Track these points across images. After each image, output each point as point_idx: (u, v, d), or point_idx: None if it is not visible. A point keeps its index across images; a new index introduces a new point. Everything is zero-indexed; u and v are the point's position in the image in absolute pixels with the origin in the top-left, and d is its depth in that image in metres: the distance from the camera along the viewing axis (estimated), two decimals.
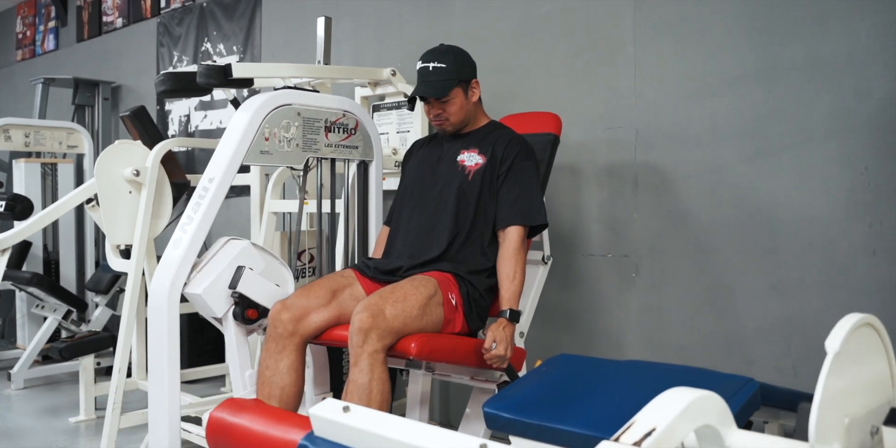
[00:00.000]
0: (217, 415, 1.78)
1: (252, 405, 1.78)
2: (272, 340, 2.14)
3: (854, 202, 2.28)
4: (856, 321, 1.14)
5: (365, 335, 1.92)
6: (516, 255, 2.21)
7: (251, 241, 2.29)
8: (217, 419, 1.77)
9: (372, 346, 1.92)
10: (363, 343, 1.92)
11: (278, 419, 1.65)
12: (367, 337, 1.92)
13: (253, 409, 1.74)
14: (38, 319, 4.45)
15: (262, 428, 1.61)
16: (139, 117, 3.39)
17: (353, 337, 1.95)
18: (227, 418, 1.74)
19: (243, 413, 1.72)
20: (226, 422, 1.74)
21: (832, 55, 2.32)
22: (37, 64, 6.79)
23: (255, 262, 2.26)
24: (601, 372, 1.80)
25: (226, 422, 1.74)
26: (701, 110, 2.59)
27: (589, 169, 2.87)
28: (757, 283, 2.47)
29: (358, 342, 1.93)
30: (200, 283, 2.17)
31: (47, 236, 4.84)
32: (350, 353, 1.97)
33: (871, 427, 1.20)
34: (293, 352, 2.13)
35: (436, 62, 2.33)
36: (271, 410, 1.77)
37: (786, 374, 2.39)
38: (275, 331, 2.13)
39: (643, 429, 0.98)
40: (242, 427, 1.68)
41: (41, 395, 4.01)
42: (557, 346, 2.89)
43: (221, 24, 4.70)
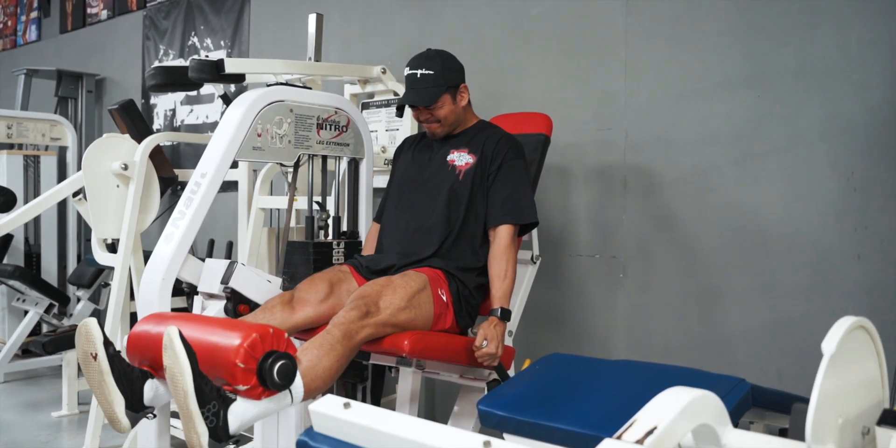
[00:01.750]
0: (138, 327, 1.75)
1: (178, 315, 1.74)
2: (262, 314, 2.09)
3: (841, 206, 2.32)
4: (850, 324, 1.16)
5: (352, 316, 1.90)
6: (507, 254, 2.23)
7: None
8: (137, 331, 1.73)
9: (354, 326, 1.89)
10: (346, 322, 1.89)
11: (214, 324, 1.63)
12: (352, 319, 1.89)
13: (181, 317, 1.70)
14: (19, 313, 4.39)
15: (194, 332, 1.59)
16: (128, 111, 3.37)
17: (339, 315, 1.92)
18: (149, 329, 1.70)
19: (168, 321, 1.69)
20: (149, 333, 1.69)
21: (823, 61, 2.36)
22: (18, 55, 6.71)
23: None
24: (594, 371, 1.82)
25: (149, 333, 1.69)
26: (691, 113, 2.62)
27: (578, 170, 2.90)
28: (743, 285, 2.51)
29: (344, 318, 1.90)
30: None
31: (29, 229, 4.79)
32: (331, 321, 1.92)
33: (862, 427, 1.22)
34: None
35: (423, 69, 2.32)
36: (203, 318, 1.73)
37: (770, 375, 2.42)
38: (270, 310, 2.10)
39: (644, 427, 1.00)
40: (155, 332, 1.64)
41: (22, 390, 3.97)
42: (545, 345, 2.91)
43: (209, 18, 4.67)
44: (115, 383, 1.64)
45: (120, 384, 1.65)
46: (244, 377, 1.55)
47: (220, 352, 1.56)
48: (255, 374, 1.55)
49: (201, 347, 1.57)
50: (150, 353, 1.70)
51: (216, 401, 1.55)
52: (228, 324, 1.68)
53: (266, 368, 1.56)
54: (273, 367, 1.56)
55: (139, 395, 1.70)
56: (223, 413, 1.56)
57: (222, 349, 1.56)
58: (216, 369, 1.57)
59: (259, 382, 1.56)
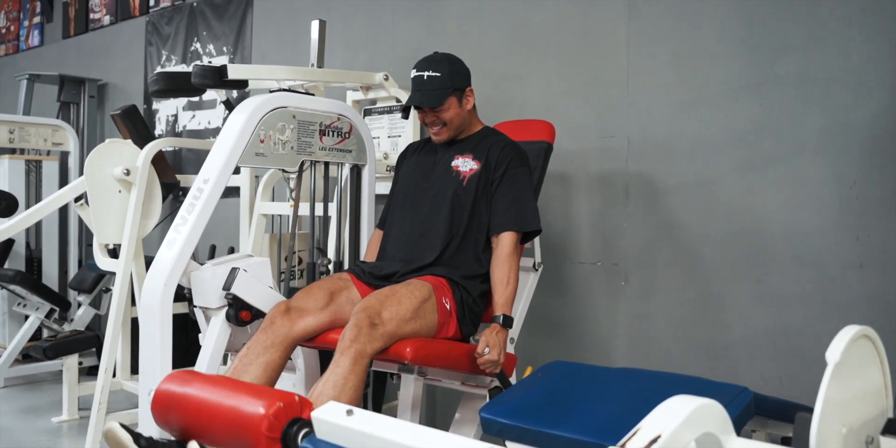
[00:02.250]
0: (163, 387, 1.68)
1: (195, 374, 1.68)
2: (263, 333, 2.10)
3: (842, 215, 2.32)
4: (854, 333, 1.16)
5: (357, 333, 1.91)
6: (510, 261, 2.23)
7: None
8: (163, 392, 1.66)
9: (361, 345, 1.91)
10: (354, 341, 1.91)
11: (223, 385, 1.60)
12: (358, 336, 1.91)
13: (198, 379, 1.65)
14: (20, 318, 4.38)
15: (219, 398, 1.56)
16: (130, 116, 3.38)
17: (345, 332, 1.94)
18: (173, 388, 1.64)
19: (190, 383, 1.64)
20: (171, 392, 1.64)
21: (824, 69, 2.36)
22: (20, 60, 6.72)
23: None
24: (596, 379, 1.81)
25: (171, 392, 1.64)
26: (693, 121, 2.63)
27: (580, 177, 2.90)
28: (745, 293, 2.51)
29: (350, 337, 1.92)
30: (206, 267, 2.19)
31: (30, 234, 4.78)
32: (337, 347, 1.94)
33: (866, 437, 1.22)
34: (278, 351, 2.09)
35: (430, 71, 2.33)
36: (215, 378, 1.68)
37: (772, 383, 2.42)
38: (270, 326, 2.11)
39: (648, 436, 0.99)
40: (194, 398, 1.59)
41: (22, 395, 3.96)
42: (546, 353, 2.90)
43: (212, 24, 4.68)
44: None
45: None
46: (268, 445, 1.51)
47: (245, 418, 1.54)
48: (279, 442, 1.52)
49: (227, 411, 1.56)
50: (177, 417, 1.68)
51: None
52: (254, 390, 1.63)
53: (291, 437, 1.52)
54: (297, 436, 1.52)
55: None
56: None
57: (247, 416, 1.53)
58: (241, 436, 1.55)
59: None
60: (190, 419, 1.57)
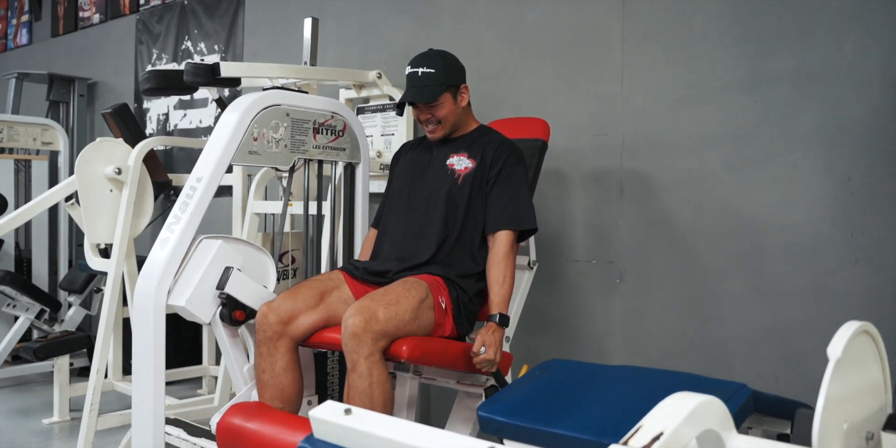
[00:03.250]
0: (227, 420, 1.83)
1: (256, 409, 1.82)
2: (262, 344, 2.14)
3: (837, 211, 2.33)
4: (855, 329, 1.16)
5: (359, 339, 1.91)
6: (506, 260, 2.22)
7: (224, 237, 2.26)
8: (227, 424, 1.82)
9: (367, 349, 1.92)
10: (358, 347, 1.92)
11: (281, 422, 1.68)
12: (360, 341, 1.91)
13: (258, 413, 1.78)
14: (10, 319, 4.35)
15: (270, 431, 1.62)
16: (121, 115, 3.35)
17: (347, 342, 1.94)
18: (236, 422, 1.80)
19: (251, 418, 1.78)
20: (235, 426, 1.79)
21: (818, 66, 2.36)
22: (8, 58, 6.67)
23: (233, 260, 2.23)
24: (593, 377, 1.81)
25: (235, 426, 1.79)
26: (687, 118, 2.63)
27: (575, 175, 2.89)
28: (740, 290, 2.51)
29: (353, 347, 1.93)
30: (181, 293, 2.14)
31: (20, 234, 4.75)
32: (346, 358, 1.97)
33: (866, 432, 1.22)
34: (285, 354, 2.13)
35: (425, 67, 2.32)
36: (275, 414, 1.80)
37: (767, 380, 2.42)
38: (263, 335, 2.13)
39: (651, 433, 0.99)
40: (251, 431, 1.74)
41: (12, 396, 3.93)
42: (542, 351, 2.90)
43: (203, 22, 4.66)
44: None
45: None
46: None
47: None
48: None
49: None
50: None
51: None
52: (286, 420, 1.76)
53: None
54: None
55: None
56: None
57: None
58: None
59: None
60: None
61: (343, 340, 1.95)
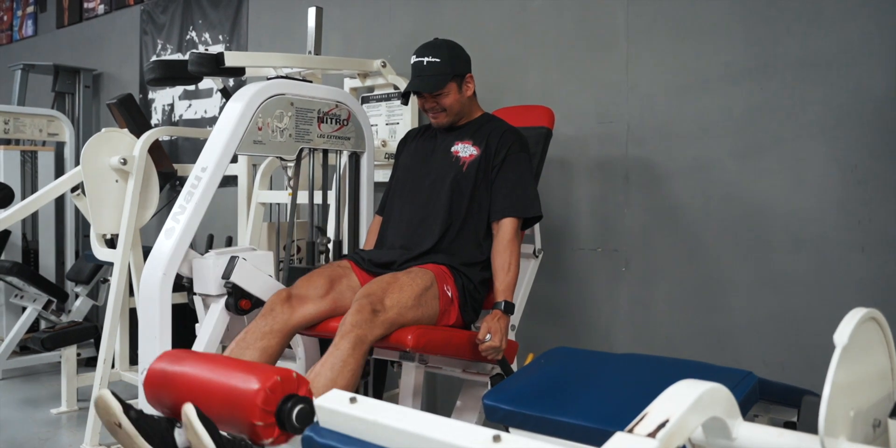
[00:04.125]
0: (157, 365, 1.65)
1: (197, 354, 1.66)
2: (263, 319, 2.09)
3: (844, 199, 2.31)
4: (862, 315, 1.15)
5: (359, 319, 1.90)
6: (510, 247, 2.21)
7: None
8: (158, 370, 1.63)
9: (362, 331, 1.90)
10: (355, 326, 1.90)
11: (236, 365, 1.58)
12: (360, 322, 1.90)
13: (201, 356, 1.62)
14: (17, 309, 4.37)
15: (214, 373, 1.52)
16: (126, 105, 3.35)
17: (347, 317, 1.93)
18: (168, 368, 1.61)
19: (187, 361, 1.61)
20: (167, 371, 1.61)
21: (825, 53, 2.34)
22: (14, 50, 6.67)
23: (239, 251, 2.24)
24: (599, 364, 1.81)
25: (167, 371, 1.61)
26: (693, 105, 2.61)
27: (580, 163, 2.88)
28: (746, 278, 2.50)
29: (352, 322, 1.91)
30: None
31: (26, 225, 4.76)
32: (338, 331, 1.93)
33: (873, 420, 1.21)
34: (276, 338, 2.08)
35: (430, 57, 2.32)
36: (223, 358, 1.65)
37: (773, 368, 2.41)
38: (270, 313, 2.10)
39: (656, 420, 0.99)
40: (188, 374, 1.57)
41: (20, 386, 3.95)
42: (547, 339, 2.90)
43: (207, 12, 4.64)
44: (147, 442, 1.64)
45: (152, 441, 1.65)
46: (266, 432, 1.51)
47: (241, 394, 1.52)
48: (276, 427, 1.51)
49: (222, 388, 1.52)
50: (169, 394, 1.67)
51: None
52: (250, 367, 1.61)
53: (285, 412, 1.52)
54: (292, 412, 1.51)
55: (172, 443, 1.69)
56: None
57: (243, 392, 1.51)
58: (236, 410, 1.53)
59: (281, 432, 1.53)
60: (184, 395, 1.54)
61: (344, 317, 1.94)
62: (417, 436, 1.13)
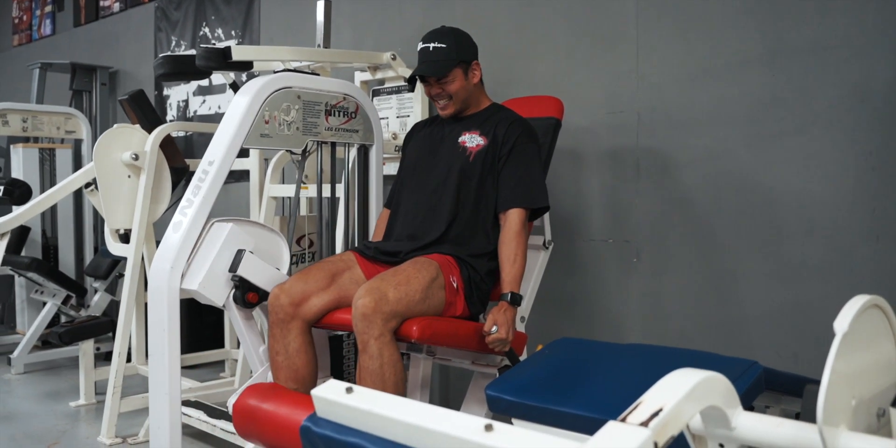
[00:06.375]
0: (243, 401, 1.84)
1: (270, 390, 1.84)
2: (275, 326, 2.15)
3: (858, 187, 2.27)
4: (864, 302, 1.13)
5: (369, 320, 1.91)
6: (517, 238, 2.20)
7: (236, 220, 2.26)
8: (243, 405, 1.83)
9: (378, 329, 1.91)
10: (368, 328, 1.92)
11: (294, 403, 1.70)
12: (371, 322, 1.91)
13: (272, 394, 1.80)
14: (38, 305, 4.44)
15: (284, 411, 1.66)
16: (137, 101, 3.37)
17: (357, 323, 1.94)
18: (251, 403, 1.82)
19: (265, 399, 1.80)
20: (251, 407, 1.81)
21: (838, 39, 2.30)
22: (33, 49, 6.75)
23: (245, 242, 2.23)
24: (603, 355, 1.79)
25: (251, 407, 1.81)
26: (704, 94, 2.57)
27: (590, 154, 2.86)
28: (759, 268, 2.46)
29: (363, 328, 1.92)
30: (194, 277, 2.14)
31: (46, 222, 4.82)
32: (357, 339, 1.97)
33: (877, 409, 1.19)
34: (298, 335, 2.14)
35: (436, 42, 2.32)
36: (288, 394, 1.83)
37: (787, 359, 2.38)
38: (276, 316, 2.14)
39: (650, 409, 0.97)
40: (266, 411, 1.76)
41: (41, 380, 4.00)
42: (558, 331, 2.88)
43: (220, 8, 4.66)
44: None
45: None
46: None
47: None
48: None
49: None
50: (260, 428, 1.80)
51: None
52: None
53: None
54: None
55: None
56: None
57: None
58: None
59: None
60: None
61: (353, 321, 1.95)
62: (411, 425, 1.13)
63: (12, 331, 4.88)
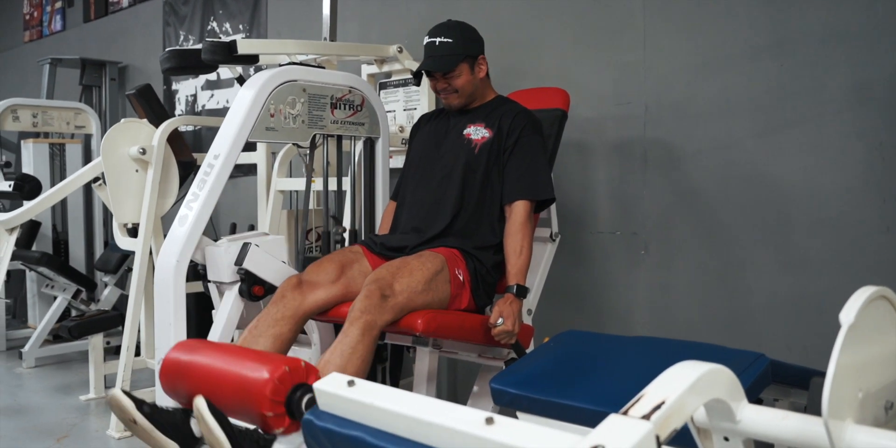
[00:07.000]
0: (171, 357, 1.67)
1: (199, 343, 1.68)
2: (274, 306, 2.09)
3: (868, 178, 2.24)
4: (871, 293, 1.11)
5: (368, 305, 1.89)
6: (523, 230, 2.19)
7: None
8: (170, 361, 1.66)
9: (371, 317, 1.89)
10: (364, 312, 1.89)
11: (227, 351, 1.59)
12: (368, 307, 1.89)
13: (202, 346, 1.65)
14: (49, 299, 4.46)
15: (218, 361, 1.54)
16: (145, 96, 3.38)
17: (356, 303, 1.92)
18: (180, 357, 1.63)
19: (195, 351, 1.62)
20: (179, 360, 1.63)
21: (847, 27, 2.27)
22: (44, 45, 6.77)
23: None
24: (608, 348, 1.78)
25: (179, 360, 1.63)
26: (712, 85, 2.55)
27: (598, 145, 2.84)
28: (767, 260, 2.44)
29: (360, 308, 1.90)
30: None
31: (56, 216, 4.85)
32: (347, 317, 1.92)
33: (885, 402, 1.17)
34: (289, 324, 2.07)
35: (442, 37, 2.31)
36: (220, 346, 1.68)
37: (796, 351, 2.36)
38: (281, 300, 2.09)
39: (652, 402, 0.96)
40: (196, 363, 1.59)
41: (52, 374, 4.03)
42: (566, 323, 2.86)
43: (227, 2, 4.66)
44: (164, 434, 1.65)
45: (168, 433, 1.66)
46: (276, 422, 1.52)
47: (251, 384, 1.53)
48: (286, 417, 1.52)
49: (233, 378, 1.54)
50: (183, 385, 1.69)
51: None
52: (260, 356, 1.63)
53: (294, 401, 1.52)
54: (301, 401, 1.51)
55: (188, 433, 1.71)
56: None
57: (252, 381, 1.53)
58: (246, 402, 1.55)
59: (291, 422, 1.54)
60: (196, 385, 1.56)
61: (354, 302, 1.93)
62: (412, 418, 1.12)
63: (24, 325, 4.91)
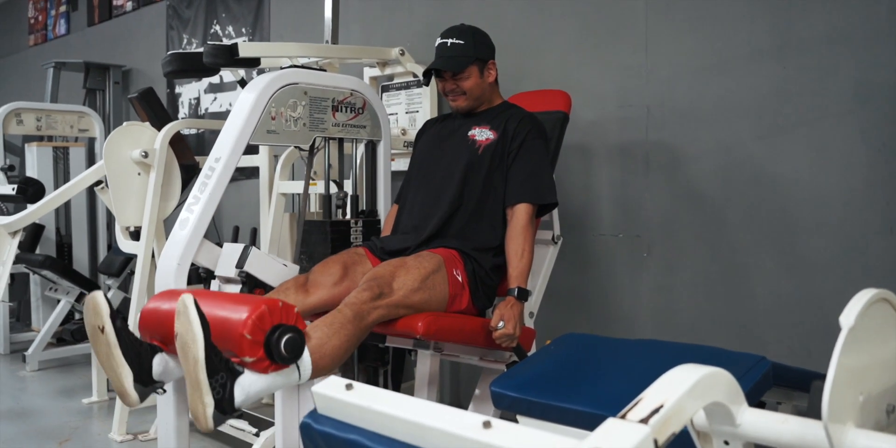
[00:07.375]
0: (149, 305, 1.73)
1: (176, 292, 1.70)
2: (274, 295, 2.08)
3: (871, 180, 2.23)
4: (871, 296, 1.10)
5: (364, 299, 1.88)
6: (524, 233, 2.18)
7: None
8: (147, 309, 1.70)
9: (366, 306, 1.87)
10: (357, 302, 1.87)
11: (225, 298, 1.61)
12: (363, 300, 1.88)
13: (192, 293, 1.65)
14: (52, 302, 4.47)
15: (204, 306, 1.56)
16: (147, 99, 3.38)
17: (351, 295, 1.90)
18: (155, 305, 1.67)
19: (169, 299, 1.65)
20: (153, 308, 1.66)
21: (851, 28, 2.26)
22: (48, 49, 6.79)
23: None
24: (609, 350, 1.77)
25: (153, 308, 1.66)
26: (714, 87, 2.54)
27: (600, 148, 2.83)
28: (770, 262, 2.43)
29: (355, 299, 1.88)
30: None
31: (60, 220, 4.86)
32: (344, 301, 1.90)
33: (887, 405, 1.16)
34: None
35: (454, 38, 2.33)
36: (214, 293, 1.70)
37: (799, 354, 2.35)
38: (284, 296, 2.08)
39: (650, 406, 0.96)
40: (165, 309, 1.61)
41: (55, 377, 4.03)
42: (568, 326, 2.86)
43: (230, 5, 4.67)
44: (123, 356, 1.62)
45: (128, 357, 1.63)
46: (251, 349, 1.53)
47: (229, 323, 1.55)
48: (262, 347, 1.53)
49: (212, 319, 1.55)
50: (162, 328, 1.69)
51: (224, 372, 1.53)
52: (239, 297, 1.66)
53: (273, 341, 1.53)
54: (280, 340, 1.54)
55: (148, 369, 1.68)
56: (230, 385, 1.54)
57: (231, 321, 1.55)
58: (225, 341, 1.55)
59: (266, 355, 1.54)
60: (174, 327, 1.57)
61: (348, 296, 1.92)
62: (410, 422, 1.12)
63: (27, 328, 4.92)
